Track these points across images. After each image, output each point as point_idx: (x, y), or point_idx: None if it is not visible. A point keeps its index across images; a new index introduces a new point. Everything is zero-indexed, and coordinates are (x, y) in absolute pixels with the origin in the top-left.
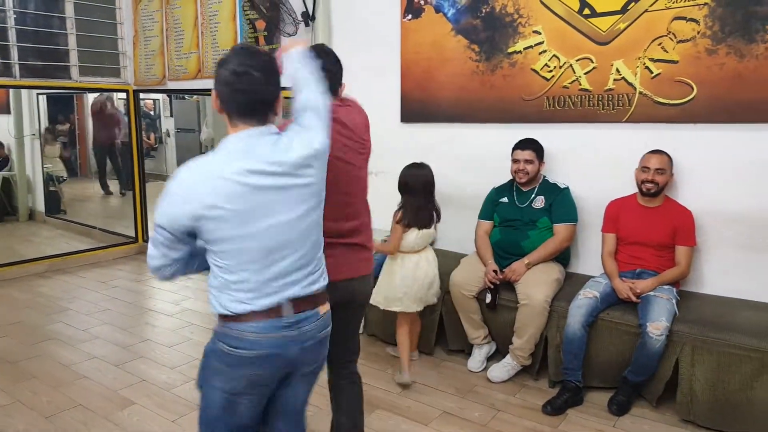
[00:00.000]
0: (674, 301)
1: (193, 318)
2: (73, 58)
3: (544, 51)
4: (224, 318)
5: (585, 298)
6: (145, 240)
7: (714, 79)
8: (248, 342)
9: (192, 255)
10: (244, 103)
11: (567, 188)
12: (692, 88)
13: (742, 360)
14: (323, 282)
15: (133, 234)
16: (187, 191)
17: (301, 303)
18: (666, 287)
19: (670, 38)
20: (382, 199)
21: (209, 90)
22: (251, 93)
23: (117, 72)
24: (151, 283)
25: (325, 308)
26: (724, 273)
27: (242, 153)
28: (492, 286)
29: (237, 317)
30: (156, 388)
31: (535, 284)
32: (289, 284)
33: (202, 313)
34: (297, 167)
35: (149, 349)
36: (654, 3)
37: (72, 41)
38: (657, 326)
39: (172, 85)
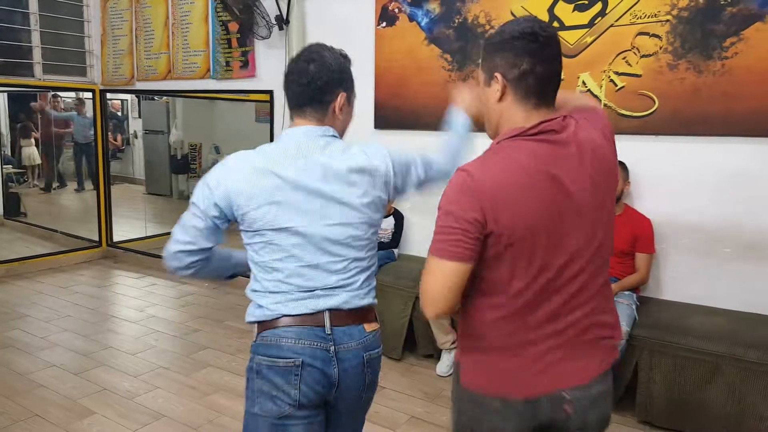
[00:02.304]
0: (634, 306)
1: (158, 325)
2: (37, 55)
3: None
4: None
5: None
6: (109, 244)
7: (674, 93)
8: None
9: None
10: None
11: None
12: (654, 101)
13: (696, 363)
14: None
15: (96, 238)
16: None
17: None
18: (627, 293)
19: (634, 53)
20: None
21: (179, 91)
22: None
23: (83, 71)
24: (114, 289)
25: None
26: (681, 279)
27: None
28: None
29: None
30: (118, 397)
31: None
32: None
33: (168, 320)
34: None
35: (111, 356)
36: (619, 18)
37: (36, 38)
38: None
39: (140, 85)
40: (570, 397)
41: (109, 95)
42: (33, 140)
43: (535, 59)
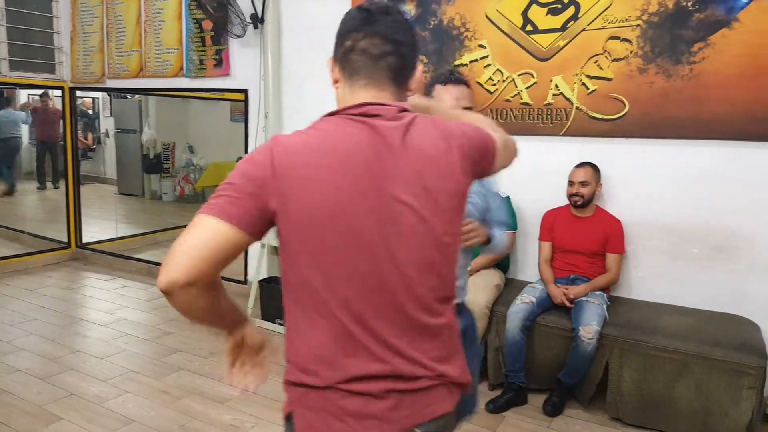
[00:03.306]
0: (605, 306)
1: (129, 328)
2: (3, 51)
3: (489, 65)
4: None
5: (522, 303)
6: (79, 245)
7: (644, 96)
8: None
9: None
10: None
11: (507, 198)
12: (624, 105)
13: (665, 361)
14: None
15: (65, 239)
16: None
17: None
18: (597, 293)
19: (606, 56)
20: None
21: (152, 89)
22: None
23: (52, 68)
24: (83, 291)
25: None
26: (650, 279)
27: None
28: None
29: None
30: (86, 402)
31: (476, 290)
32: None
33: (138, 323)
34: None
35: (80, 360)
36: (591, 22)
37: (2, 34)
38: (588, 330)
39: (111, 83)
40: (423, 430)
41: (79, 93)
42: None
43: (358, 33)
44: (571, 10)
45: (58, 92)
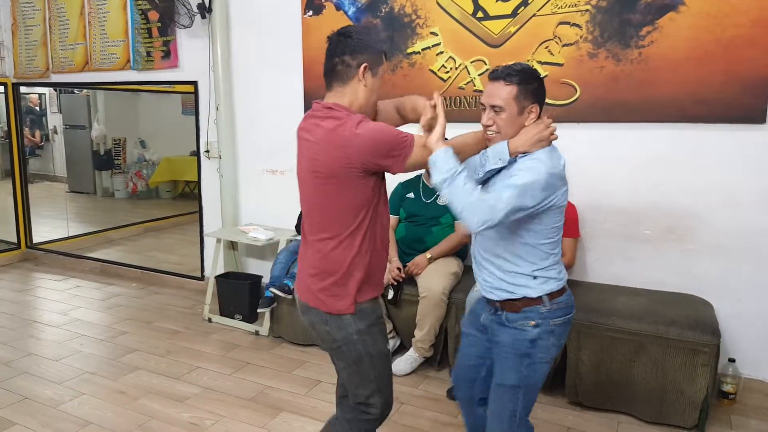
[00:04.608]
0: None
1: (83, 328)
2: None
3: (441, 52)
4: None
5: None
6: (29, 246)
7: (595, 81)
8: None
9: None
10: None
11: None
12: (576, 90)
13: (621, 342)
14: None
15: (15, 240)
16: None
17: None
18: None
19: (556, 42)
20: (289, 200)
21: (99, 83)
22: None
23: None
24: (36, 293)
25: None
26: (605, 262)
27: None
28: (395, 283)
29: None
30: (40, 406)
31: (434, 277)
32: None
33: (93, 323)
34: None
35: (33, 363)
36: (541, 8)
37: None
38: None
39: (56, 78)
40: (297, 297)
41: (23, 89)
42: None
43: (326, 55)
44: None
45: (1, 88)
